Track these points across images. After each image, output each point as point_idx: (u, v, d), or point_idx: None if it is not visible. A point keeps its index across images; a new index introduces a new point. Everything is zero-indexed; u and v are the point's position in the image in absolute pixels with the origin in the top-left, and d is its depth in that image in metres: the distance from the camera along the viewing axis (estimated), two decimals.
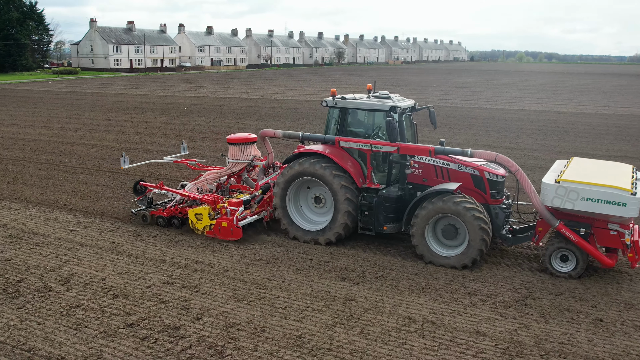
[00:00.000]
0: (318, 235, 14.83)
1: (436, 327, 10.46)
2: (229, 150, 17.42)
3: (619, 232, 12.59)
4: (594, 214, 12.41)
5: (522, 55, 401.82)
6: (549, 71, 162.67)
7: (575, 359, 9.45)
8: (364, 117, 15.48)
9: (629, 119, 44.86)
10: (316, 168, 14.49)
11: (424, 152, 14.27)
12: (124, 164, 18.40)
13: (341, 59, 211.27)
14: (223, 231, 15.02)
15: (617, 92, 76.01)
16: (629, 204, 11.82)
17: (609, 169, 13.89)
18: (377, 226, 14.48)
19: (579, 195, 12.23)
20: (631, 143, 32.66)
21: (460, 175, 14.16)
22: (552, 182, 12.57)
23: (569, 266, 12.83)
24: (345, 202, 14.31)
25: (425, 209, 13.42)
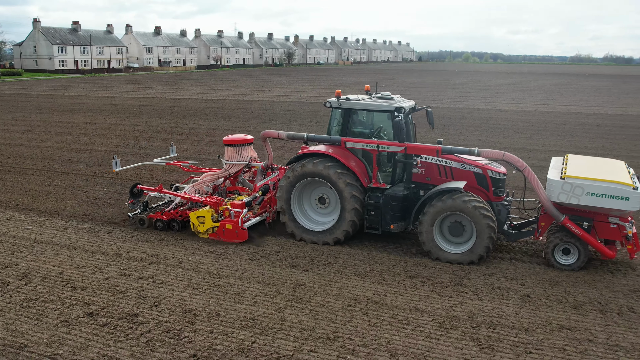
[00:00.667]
0: (326, 235, 14.89)
1: (379, 306, 11.33)
2: (226, 152, 17.27)
3: (618, 225, 13.29)
4: (597, 208, 13.03)
5: (469, 55, 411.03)
6: (493, 71, 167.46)
7: (504, 329, 10.48)
8: (368, 117, 15.68)
9: (565, 116, 47.15)
10: (321, 168, 14.53)
11: (431, 152, 14.48)
12: (116, 167, 17.99)
13: (291, 60, 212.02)
14: (227, 233, 14.92)
15: (557, 91, 79.23)
16: (632, 198, 12.55)
17: (606, 165, 14.75)
18: (383, 225, 14.63)
19: (584, 191, 12.86)
20: (566, 139, 34.54)
21: (464, 174, 14.54)
22: (558, 179, 13.16)
23: (572, 259, 13.43)
24: (352, 201, 14.40)
25: (434, 207, 13.69)
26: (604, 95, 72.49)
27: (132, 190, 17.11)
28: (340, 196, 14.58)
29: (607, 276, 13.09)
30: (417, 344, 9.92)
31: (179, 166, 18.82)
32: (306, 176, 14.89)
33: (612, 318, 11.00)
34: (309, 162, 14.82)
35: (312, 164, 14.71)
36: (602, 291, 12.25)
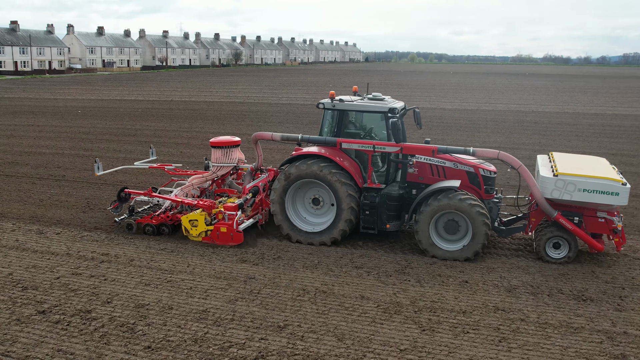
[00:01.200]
0: (322, 235, 14.96)
1: (327, 295, 11.86)
2: (213, 154, 17.08)
3: (606, 220, 13.89)
4: (588, 203, 13.58)
5: (414, 56, 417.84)
6: (438, 71, 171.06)
7: (443, 312, 11.18)
8: (361, 118, 15.88)
9: (505, 114, 48.95)
10: (316, 169, 14.62)
11: (427, 152, 14.78)
12: (98, 171, 17.67)
13: (239, 60, 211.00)
14: (222, 237, 14.76)
15: (498, 90, 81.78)
16: (621, 193, 13.15)
17: (591, 162, 15.39)
18: (379, 224, 14.83)
19: (576, 187, 13.39)
20: (505, 135, 35.99)
21: (456, 173, 14.83)
22: (551, 176, 13.69)
23: (562, 252, 13.99)
24: (348, 200, 14.54)
25: (430, 206, 13.96)
26: (543, 93, 75.30)
27: (120, 195, 16.71)
28: (336, 196, 14.69)
29: (539, 262, 13.99)
30: (362, 328, 10.49)
31: (162, 169, 18.48)
32: (301, 178, 14.92)
33: (543, 299, 11.86)
34: (302, 163, 14.87)
35: (306, 165, 14.77)
36: (535, 275, 13.13)
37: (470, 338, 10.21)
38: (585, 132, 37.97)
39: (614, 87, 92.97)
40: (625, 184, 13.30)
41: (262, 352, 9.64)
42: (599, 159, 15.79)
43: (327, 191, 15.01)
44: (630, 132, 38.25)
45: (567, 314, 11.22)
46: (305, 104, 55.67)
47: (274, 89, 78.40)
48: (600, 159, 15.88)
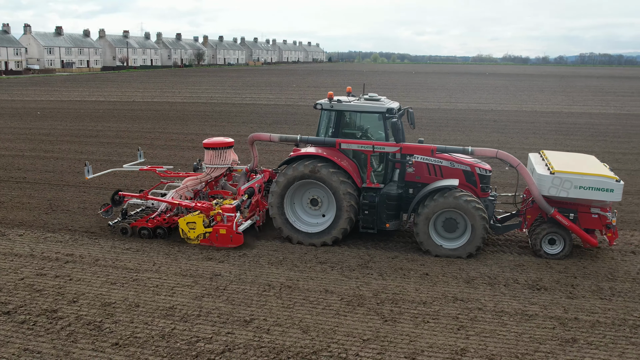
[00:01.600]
0: (323, 236, 14.95)
1: (292, 290, 12.14)
2: (206, 155, 16.88)
3: (600, 215, 14.27)
4: (584, 200, 13.97)
5: (377, 56, 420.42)
6: (400, 71, 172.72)
7: (405, 303, 11.57)
8: (358, 119, 15.90)
9: (465, 112, 49.96)
10: (311, 169, 14.67)
11: (426, 151, 14.98)
12: (88, 174, 17.26)
13: (201, 61, 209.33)
14: (221, 238, 14.61)
15: (459, 89, 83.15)
16: (616, 189, 13.57)
17: (583, 159, 15.82)
18: (379, 224, 14.92)
19: (573, 185, 13.77)
20: (465, 134, 36.81)
21: (453, 172, 15.02)
22: (548, 174, 14.01)
23: (558, 248, 14.35)
24: (347, 199, 14.58)
25: (429, 205, 14.12)
26: (502, 93, 76.88)
27: (114, 197, 16.34)
28: (335, 195, 14.72)
29: (497, 254, 14.53)
30: (327, 320, 10.81)
31: (154, 171, 18.22)
32: (299, 178, 14.90)
33: (500, 289, 12.36)
34: (300, 164, 14.87)
35: (303, 165, 14.79)
36: (492, 267, 13.65)
37: (430, 327, 10.62)
38: (542, 130, 39.09)
39: (571, 86, 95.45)
40: (619, 180, 13.69)
41: (229, 345, 9.87)
42: (589, 157, 16.29)
43: (325, 191, 15.01)
44: (585, 130, 39.51)
45: (522, 302, 11.73)
46: (269, 104, 55.80)
47: (238, 89, 78.23)
48: (589, 156, 16.37)
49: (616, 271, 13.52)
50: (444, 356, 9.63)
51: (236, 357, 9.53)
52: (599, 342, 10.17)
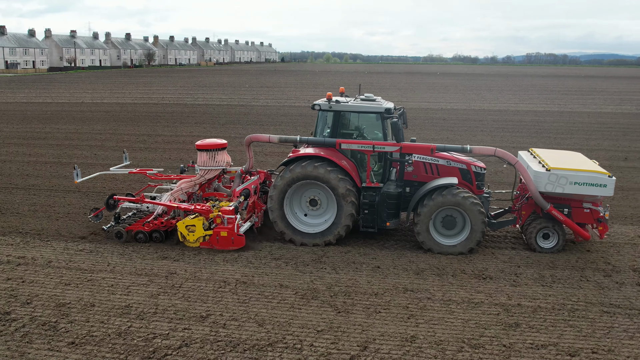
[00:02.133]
0: (326, 235, 15.00)
1: (247, 286, 12.37)
2: (200, 157, 16.64)
3: (591, 210, 14.79)
4: (578, 195, 14.51)
5: (329, 56, 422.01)
6: (353, 71, 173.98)
7: (357, 295, 11.96)
8: (357, 119, 15.95)
9: (416, 111, 50.88)
10: (311, 169, 14.67)
11: (425, 150, 15.18)
12: (77, 178, 16.80)
13: (151, 61, 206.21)
14: (222, 241, 14.50)
15: (410, 89, 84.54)
16: (609, 185, 14.13)
17: (573, 156, 16.33)
18: (379, 223, 15.07)
19: (568, 181, 14.27)
20: (415, 132, 37.50)
21: (449, 170, 15.29)
22: (544, 171, 14.46)
23: (551, 243, 14.85)
24: (349, 198, 14.70)
25: (430, 203, 14.35)
26: (451, 92, 78.59)
27: (108, 202, 15.95)
28: (335, 193, 14.78)
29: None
30: (282, 314, 11.09)
31: (144, 174, 18.04)
32: (303, 179, 14.89)
33: (448, 279, 12.89)
34: (297, 165, 14.89)
35: (300, 166, 14.81)
36: (440, 259, 14.19)
37: (382, 317, 11.03)
38: (490, 127, 40.29)
39: (517, 85, 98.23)
40: (611, 176, 14.24)
41: (185, 340, 10.04)
42: (577, 154, 16.88)
43: (325, 191, 15.09)
44: (530, 127, 40.90)
45: (468, 291, 12.28)
46: (222, 105, 55.60)
47: (190, 90, 77.58)
48: (577, 153, 16.98)
49: (557, 259, 14.24)
50: (394, 343, 10.04)
51: (193, 351, 9.72)
52: (539, 326, 10.78)
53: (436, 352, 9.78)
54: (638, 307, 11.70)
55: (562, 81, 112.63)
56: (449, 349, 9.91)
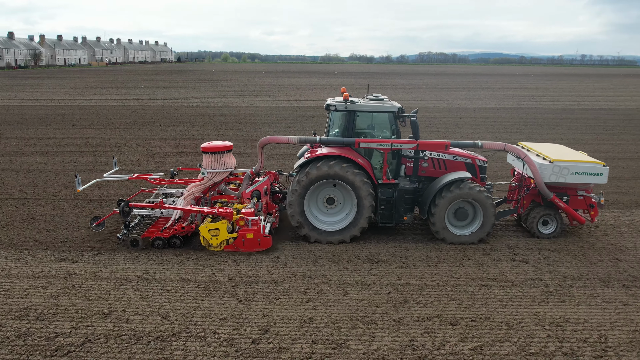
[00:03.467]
0: (342, 233, 15.30)
1: (149, 282, 12.58)
2: (206, 160, 16.47)
3: (584, 197, 16.12)
4: (578, 184, 15.77)
5: (227, 55, 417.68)
6: (251, 70, 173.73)
7: (258, 284, 12.50)
8: (371, 118, 16.28)
9: (314, 109, 52.06)
10: (338, 169, 14.89)
11: (440, 147, 15.87)
12: (79, 186, 16.32)
13: (38, 61, 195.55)
14: (248, 243, 14.44)
15: (308, 88, 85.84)
16: (604, 173, 15.50)
17: (561, 148, 17.55)
18: (397, 217, 15.59)
19: (570, 171, 15.51)
20: (314, 129, 38.56)
21: (456, 165, 16.11)
22: (548, 163, 15.61)
23: (551, 229, 16.07)
24: (369, 198, 15.04)
25: (444, 198, 15.07)
26: (348, 90, 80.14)
27: (124, 209, 15.25)
28: (357, 194, 15.10)
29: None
30: (185, 306, 11.43)
31: (146, 179, 17.74)
32: (322, 178, 15.08)
33: (343, 265, 13.72)
34: (324, 163, 15.01)
35: (328, 165, 14.96)
36: (337, 247, 15.02)
37: (282, 302, 11.64)
38: None
39: (410, 83, 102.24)
40: (606, 165, 15.62)
41: (89, 337, 10.16)
42: (561, 146, 18.19)
43: (345, 190, 15.41)
44: (421, 123, 42.76)
45: (362, 274, 13.16)
46: (116, 105, 54.08)
47: (81, 91, 74.58)
48: (561, 145, 18.33)
49: (442, 245, 15.45)
50: (294, 325, 10.67)
51: (97, 347, 9.86)
52: (425, 301, 11.81)
53: (332, 330, 10.52)
54: (511, 279, 13.06)
55: (451, 79, 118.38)
56: (344, 326, 10.67)
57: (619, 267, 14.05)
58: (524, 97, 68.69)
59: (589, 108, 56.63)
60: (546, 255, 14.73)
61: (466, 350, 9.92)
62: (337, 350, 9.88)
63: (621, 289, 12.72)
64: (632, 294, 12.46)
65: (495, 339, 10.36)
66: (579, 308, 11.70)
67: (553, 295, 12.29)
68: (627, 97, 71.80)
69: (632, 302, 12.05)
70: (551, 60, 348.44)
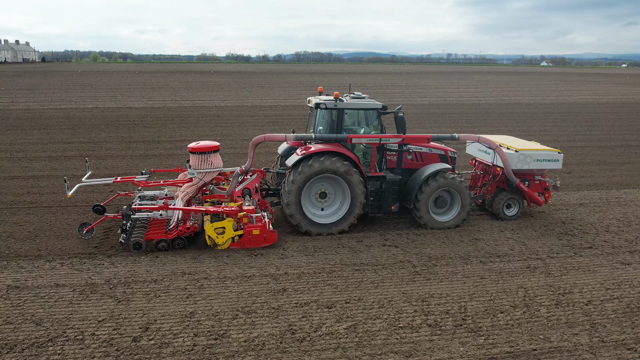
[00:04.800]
0: (340, 224, 16.22)
1: (20, 290, 12.11)
2: (196, 161, 16.24)
3: (540, 181, 18.18)
4: (537, 170, 17.84)
5: (97, 55, 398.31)
6: (123, 70, 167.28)
7: (137, 284, 12.47)
8: (357, 115, 17.38)
9: (190, 109, 51.39)
10: (329, 164, 15.65)
11: (423, 140, 17.04)
12: (69, 191, 16.13)
13: None
14: (254, 239, 14.82)
15: (184, 88, 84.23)
16: (560, 160, 17.71)
17: (514, 139, 19.53)
18: (385, 207, 16.66)
19: (532, 159, 17.51)
20: (190, 129, 38.25)
21: (431, 156, 17.53)
22: (514, 152, 17.44)
23: (513, 211, 18.09)
24: (361, 187, 16.04)
25: (430, 185, 16.44)
26: (225, 90, 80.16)
27: (127, 213, 15.34)
28: (351, 187, 16.03)
29: None
30: (60, 311, 11.17)
31: (132, 182, 17.59)
32: (321, 172, 15.78)
33: (223, 260, 13.99)
34: (315, 159, 15.71)
35: (328, 160, 15.70)
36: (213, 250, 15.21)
37: (162, 300, 11.71)
38: (261, 122, 42.46)
39: (287, 82, 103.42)
40: (561, 152, 17.75)
41: None
42: (510, 137, 20.04)
43: (337, 184, 16.24)
44: (298, 120, 43.94)
45: (242, 267, 13.51)
46: None
47: None
48: (509, 136, 20.11)
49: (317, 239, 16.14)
50: (175, 321, 10.82)
51: None
52: (303, 288, 12.39)
53: (214, 323, 10.78)
54: (382, 262, 14.00)
55: (327, 78, 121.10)
56: (225, 318, 10.97)
57: (477, 245, 15.47)
58: (395, 94, 71.96)
59: (454, 103, 60.59)
60: (413, 239, 15.87)
61: (341, 330, 10.58)
62: (219, 340, 10.16)
63: (479, 264, 14.06)
64: (487, 268, 13.83)
65: (368, 317, 11.13)
66: (442, 284, 12.82)
67: (419, 274, 13.34)
68: (487, 92, 77.46)
69: (487, 275, 13.37)
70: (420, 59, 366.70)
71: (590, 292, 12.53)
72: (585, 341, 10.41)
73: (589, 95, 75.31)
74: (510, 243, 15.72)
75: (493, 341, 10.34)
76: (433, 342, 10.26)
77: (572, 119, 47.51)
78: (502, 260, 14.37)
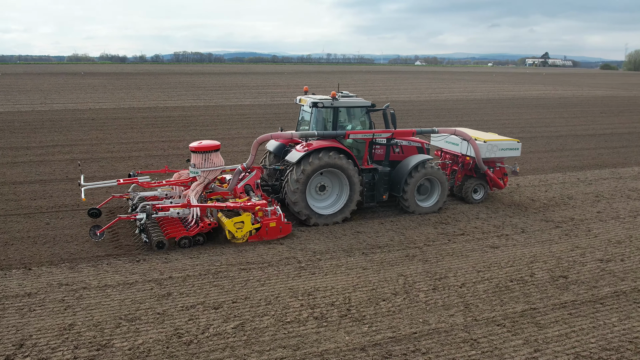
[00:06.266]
0: (342, 213, 17.43)
1: None
2: (198, 160, 16.61)
3: (500, 168, 20.20)
4: (501, 158, 19.93)
5: None
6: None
7: (8, 299, 11.70)
8: (350, 113, 18.41)
9: (63, 113, 48.70)
10: (336, 159, 16.80)
11: (409, 134, 18.40)
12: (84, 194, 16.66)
13: None
14: (271, 231, 15.64)
15: (54, 90, 79.60)
16: (519, 148, 20.10)
17: (475, 131, 21.60)
18: (377, 197, 18.12)
19: (498, 148, 19.68)
20: (63, 134, 36.24)
21: (410, 149, 19.26)
22: (483, 143, 19.46)
23: (479, 195, 20.22)
24: (359, 178, 17.33)
25: (416, 175, 17.96)
26: (100, 91, 76.64)
27: (149, 212, 15.22)
28: (349, 179, 17.23)
29: (123, 239, 15.52)
30: None
31: (136, 182, 17.71)
32: (325, 167, 16.81)
33: (103, 267, 13.47)
34: (325, 154, 16.72)
35: (328, 156, 16.74)
36: (93, 246, 14.62)
37: (37, 314, 11.09)
38: (140, 124, 41.09)
39: (166, 82, 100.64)
40: (520, 141, 20.19)
41: None
42: (467, 129, 21.73)
43: (336, 177, 17.42)
44: (179, 122, 43.05)
45: (123, 274, 13.09)
46: None
47: None
48: (467, 128, 21.91)
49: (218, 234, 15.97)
50: (52, 334, 10.29)
51: None
52: (189, 291, 12.23)
53: (95, 333, 10.38)
54: (268, 260, 14.14)
55: (207, 78, 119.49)
56: (107, 327, 10.59)
57: (359, 238, 16.03)
58: (276, 94, 72.38)
59: None
60: (298, 235, 16.15)
61: (229, 330, 10.58)
62: (102, 350, 9.80)
63: (361, 256, 14.58)
64: (369, 259, 14.38)
65: (255, 315, 11.21)
66: (327, 277, 13.17)
67: (305, 269, 13.62)
68: (365, 91, 79.94)
69: (369, 266, 13.91)
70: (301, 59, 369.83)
71: (463, 275, 13.41)
72: (460, 321, 11.13)
73: (459, 93, 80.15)
74: (390, 234, 16.43)
75: (376, 328, 10.79)
76: (320, 334, 10.52)
77: (445, 115, 50.29)
78: (383, 251, 15.00)
